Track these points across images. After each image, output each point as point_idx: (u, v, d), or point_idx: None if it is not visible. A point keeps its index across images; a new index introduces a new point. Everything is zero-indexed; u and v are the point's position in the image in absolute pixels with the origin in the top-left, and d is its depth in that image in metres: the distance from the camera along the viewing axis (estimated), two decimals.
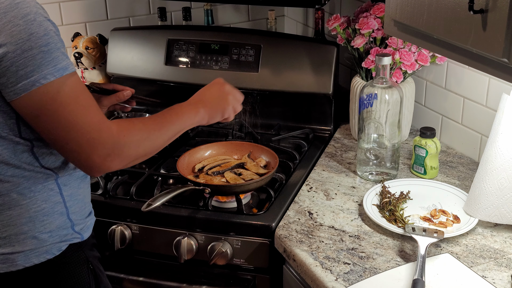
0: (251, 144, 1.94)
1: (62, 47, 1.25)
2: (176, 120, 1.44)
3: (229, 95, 1.58)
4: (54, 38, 1.23)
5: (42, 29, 1.21)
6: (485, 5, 1.17)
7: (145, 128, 1.35)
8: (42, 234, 1.35)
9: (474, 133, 1.90)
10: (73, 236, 1.41)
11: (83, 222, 1.44)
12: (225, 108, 1.56)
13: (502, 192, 1.51)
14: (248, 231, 1.65)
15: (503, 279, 1.39)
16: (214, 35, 2.26)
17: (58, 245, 1.38)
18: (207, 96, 1.55)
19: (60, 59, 1.22)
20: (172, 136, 1.43)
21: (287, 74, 2.15)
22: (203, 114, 1.51)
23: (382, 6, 1.92)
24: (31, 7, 1.21)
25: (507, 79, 1.22)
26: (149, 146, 1.36)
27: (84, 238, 1.44)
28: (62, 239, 1.39)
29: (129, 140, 1.30)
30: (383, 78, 1.74)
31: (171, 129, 1.42)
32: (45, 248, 1.36)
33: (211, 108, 1.53)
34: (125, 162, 1.31)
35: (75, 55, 2.38)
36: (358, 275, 1.41)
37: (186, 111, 1.48)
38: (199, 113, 1.50)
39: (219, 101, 1.56)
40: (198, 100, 1.53)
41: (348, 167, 1.90)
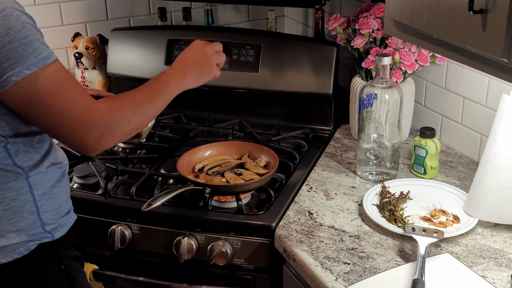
0: (251, 144, 1.94)
1: (41, 37, 1.27)
2: (164, 89, 1.47)
3: (211, 56, 1.60)
4: (32, 30, 1.24)
5: (20, 23, 1.23)
6: (485, 5, 1.17)
7: (133, 103, 1.38)
8: (10, 233, 1.34)
9: (474, 133, 1.90)
10: (43, 236, 1.39)
11: (56, 221, 1.42)
12: (211, 67, 1.60)
13: (502, 192, 1.51)
14: (248, 231, 1.65)
15: (503, 279, 1.39)
16: (214, 35, 2.26)
17: (27, 244, 1.36)
18: (190, 59, 1.57)
19: (41, 49, 1.24)
20: (162, 106, 1.47)
21: (287, 74, 2.15)
22: (190, 78, 1.55)
23: (382, 6, 1.92)
24: (7, 2, 1.23)
25: (507, 79, 1.22)
26: (140, 119, 1.40)
27: (55, 238, 1.42)
28: (30, 238, 1.37)
29: (119, 117, 1.34)
30: (383, 78, 1.74)
31: (160, 99, 1.45)
32: (12, 247, 1.35)
33: (197, 71, 1.56)
34: (119, 138, 1.36)
35: (75, 55, 2.38)
36: (358, 275, 1.41)
37: (173, 79, 1.51)
38: (186, 78, 1.54)
39: (202, 62, 1.58)
40: (182, 65, 1.56)
41: (348, 167, 1.90)
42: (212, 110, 2.28)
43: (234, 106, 2.26)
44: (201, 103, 2.30)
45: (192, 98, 2.30)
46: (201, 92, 2.27)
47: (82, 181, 1.87)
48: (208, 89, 2.26)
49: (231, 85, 2.22)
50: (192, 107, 2.31)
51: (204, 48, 1.60)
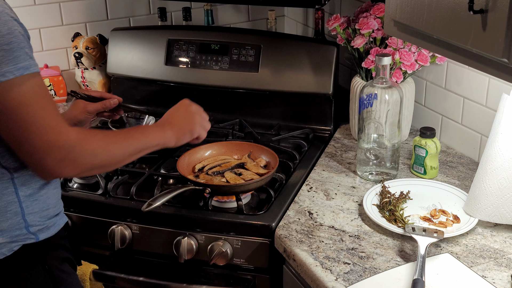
0: (251, 144, 1.94)
1: (27, 47, 1.24)
2: (141, 137, 1.43)
3: (195, 115, 1.59)
4: (18, 38, 1.22)
5: (6, 28, 1.20)
6: (485, 5, 1.17)
7: (105, 139, 1.34)
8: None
9: (474, 133, 1.90)
10: (27, 237, 1.38)
11: (42, 223, 1.40)
12: (193, 128, 1.57)
13: (502, 192, 1.51)
14: (248, 231, 1.65)
15: (503, 279, 1.39)
16: (214, 35, 2.26)
17: (9, 245, 1.35)
18: (174, 117, 1.56)
19: (22, 58, 1.21)
20: (134, 153, 1.41)
21: (287, 74, 2.15)
22: (170, 135, 1.51)
23: (382, 6, 1.92)
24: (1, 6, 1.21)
25: (507, 79, 1.22)
26: (107, 158, 1.34)
27: (40, 239, 1.40)
28: (13, 239, 1.36)
29: (86, 149, 1.28)
30: (383, 78, 1.74)
31: (133, 145, 1.40)
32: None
33: (178, 130, 1.54)
34: (79, 170, 1.31)
35: (75, 55, 2.38)
36: (358, 275, 1.41)
37: (152, 131, 1.50)
38: (166, 134, 1.50)
39: (186, 121, 1.56)
40: (165, 121, 1.54)
41: (348, 167, 1.90)
42: (212, 110, 2.27)
43: (234, 106, 2.26)
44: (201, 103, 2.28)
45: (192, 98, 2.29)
46: (201, 92, 2.28)
47: (82, 181, 1.87)
48: (208, 89, 2.26)
49: (231, 85, 2.22)
50: None
51: (190, 106, 1.60)
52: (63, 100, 2.45)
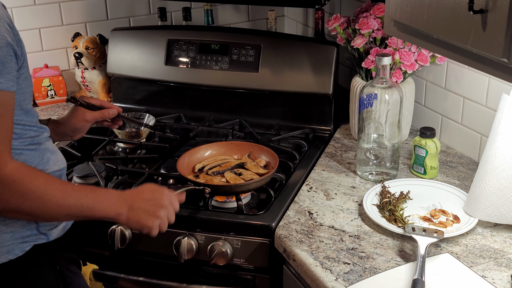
0: (251, 144, 1.94)
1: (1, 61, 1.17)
2: (91, 200, 1.31)
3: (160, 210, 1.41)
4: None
5: None
6: (485, 5, 1.17)
7: (43, 187, 1.24)
8: (4, 234, 1.32)
9: (474, 133, 1.90)
10: (38, 237, 1.37)
11: (51, 223, 1.40)
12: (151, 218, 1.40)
13: (502, 192, 1.51)
14: (248, 231, 1.65)
15: (503, 279, 1.39)
16: (214, 35, 2.26)
17: (21, 245, 1.35)
18: (140, 197, 1.40)
19: None
20: (73, 213, 1.31)
21: (287, 74, 2.15)
22: (124, 216, 1.37)
23: (382, 6, 1.92)
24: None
25: (507, 79, 1.22)
26: (38, 208, 1.25)
27: (50, 239, 1.40)
28: (25, 239, 1.35)
29: (16, 188, 1.20)
30: (383, 78, 1.74)
31: (74, 208, 1.29)
32: (6, 248, 1.33)
33: (134, 214, 1.38)
34: (1, 207, 1.23)
35: (75, 55, 2.38)
36: (358, 275, 1.41)
37: (107, 202, 1.35)
38: (120, 214, 1.36)
39: (147, 214, 1.39)
40: (127, 198, 1.38)
41: (348, 167, 1.90)
42: (212, 110, 2.28)
43: (234, 106, 2.26)
44: (201, 103, 2.30)
45: (192, 98, 2.31)
46: (201, 92, 2.28)
47: (82, 181, 1.87)
48: (208, 89, 2.26)
49: (231, 85, 2.22)
50: (192, 107, 2.31)
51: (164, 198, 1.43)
52: (63, 100, 2.45)
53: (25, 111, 1.33)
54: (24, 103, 1.32)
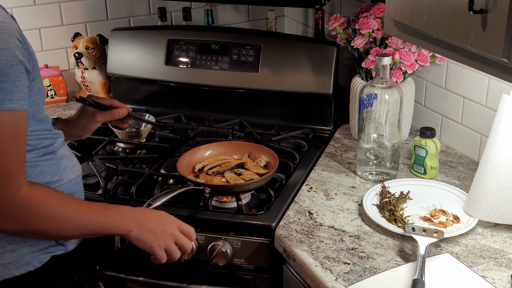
0: (251, 144, 1.94)
1: (8, 81, 1.15)
2: (103, 219, 1.31)
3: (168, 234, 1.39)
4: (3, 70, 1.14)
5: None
6: (485, 5, 1.17)
7: (59, 207, 1.24)
8: (22, 248, 1.31)
9: (474, 133, 1.90)
10: (56, 248, 1.37)
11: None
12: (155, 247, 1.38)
13: (502, 192, 1.51)
14: (248, 231, 1.65)
15: (503, 279, 1.39)
16: (214, 35, 2.26)
17: (40, 257, 1.34)
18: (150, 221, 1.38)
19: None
20: (86, 232, 1.31)
21: (287, 74, 2.15)
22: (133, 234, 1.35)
23: (382, 6, 1.92)
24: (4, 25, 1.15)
25: (507, 79, 1.22)
26: (53, 228, 1.25)
27: (69, 250, 1.39)
28: (43, 251, 1.35)
29: (32, 210, 1.20)
30: (383, 78, 1.74)
31: (88, 225, 1.29)
32: (25, 260, 1.32)
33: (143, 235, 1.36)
34: (17, 229, 1.23)
35: (75, 55, 2.38)
36: (358, 275, 1.41)
37: (119, 219, 1.34)
38: (129, 232, 1.35)
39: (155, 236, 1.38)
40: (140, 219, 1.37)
41: (348, 167, 1.90)
42: (212, 110, 2.28)
43: (234, 106, 2.26)
44: (201, 103, 2.30)
45: (192, 98, 2.31)
46: (201, 92, 2.28)
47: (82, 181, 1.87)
48: (208, 89, 2.26)
49: (231, 85, 2.22)
50: (192, 107, 2.31)
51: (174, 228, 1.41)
52: (63, 100, 2.45)
53: (39, 120, 1.31)
54: (37, 113, 1.30)
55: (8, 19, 1.19)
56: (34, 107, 1.29)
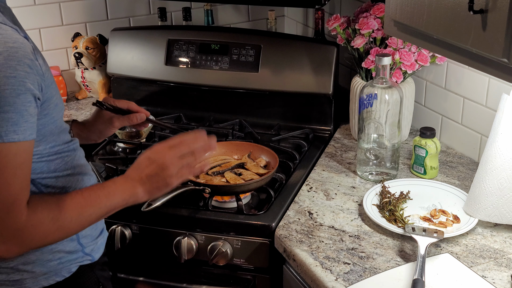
0: (251, 144, 1.94)
1: (12, 111, 1.12)
2: (105, 202, 1.28)
3: (170, 165, 1.34)
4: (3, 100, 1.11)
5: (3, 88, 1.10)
6: (485, 5, 1.17)
7: (59, 214, 1.21)
8: (51, 262, 1.33)
9: (474, 133, 1.90)
10: (84, 258, 1.39)
11: (93, 243, 1.41)
12: (168, 179, 1.34)
13: (502, 192, 1.51)
14: (248, 231, 1.65)
15: (503, 279, 1.39)
16: (214, 35, 2.26)
17: (68, 267, 1.36)
18: (144, 169, 1.33)
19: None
20: (94, 219, 1.28)
21: (287, 74, 2.15)
22: (142, 192, 1.32)
23: (382, 6, 1.92)
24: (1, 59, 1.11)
25: (507, 79, 1.22)
26: (61, 236, 1.24)
27: (95, 259, 1.41)
28: (72, 262, 1.36)
29: (35, 232, 1.18)
30: (383, 78, 1.74)
31: (94, 214, 1.27)
32: (54, 271, 1.34)
33: (150, 184, 1.33)
34: (25, 250, 1.22)
35: (75, 55, 2.38)
36: (358, 275, 1.41)
37: (120, 191, 1.31)
38: (137, 193, 1.32)
39: (158, 172, 1.33)
40: (135, 176, 1.33)
41: (348, 167, 1.90)
42: (212, 110, 2.28)
43: (234, 106, 2.26)
44: (201, 103, 2.30)
45: (192, 98, 2.31)
46: (201, 92, 2.28)
47: None
48: (208, 89, 2.26)
49: (231, 85, 2.22)
50: (192, 107, 2.31)
51: (164, 155, 1.35)
52: (63, 100, 2.45)
53: (57, 134, 1.30)
54: (56, 129, 1.29)
55: (18, 44, 1.14)
56: (51, 125, 1.27)
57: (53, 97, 1.26)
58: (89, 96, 2.51)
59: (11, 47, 1.13)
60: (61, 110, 1.32)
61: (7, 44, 1.12)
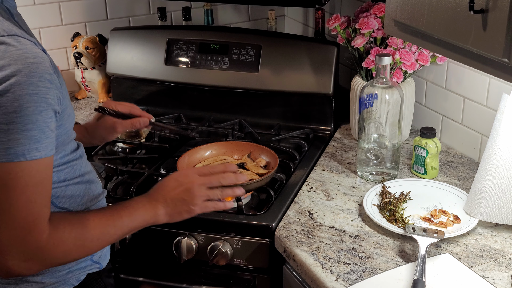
0: (251, 144, 1.94)
1: (35, 128, 1.10)
2: (127, 223, 1.28)
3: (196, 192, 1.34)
4: (25, 118, 1.08)
5: (15, 105, 1.07)
6: (485, 5, 1.17)
7: (82, 233, 1.21)
8: (60, 272, 1.32)
9: (474, 133, 1.90)
10: (93, 267, 1.39)
11: (100, 250, 1.40)
12: (192, 205, 1.35)
13: (502, 192, 1.51)
14: (248, 231, 1.65)
15: (504, 279, 1.39)
16: (214, 35, 2.26)
17: (77, 276, 1.36)
18: (169, 191, 1.34)
19: (18, 143, 1.08)
20: (115, 239, 1.29)
21: (287, 74, 2.15)
22: (163, 215, 1.33)
23: (382, 6, 1.92)
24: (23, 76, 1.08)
25: (507, 79, 1.22)
26: (82, 254, 1.25)
27: (103, 266, 1.41)
28: (80, 270, 1.36)
29: (57, 251, 1.18)
30: (383, 78, 1.74)
31: (116, 235, 1.27)
32: (63, 281, 1.33)
33: (173, 207, 1.34)
34: (46, 268, 1.22)
35: (75, 55, 2.38)
36: (358, 275, 1.41)
37: (141, 212, 1.31)
38: (158, 215, 1.32)
39: (182, 197, 1.34)
40: (158, 197, 1.34)
41: (348, 167, 1.90)
42: (212, 110, 2.28)
43: (234, 106, 2.26)
44: (201, 103, 2.30)
45: (192, 98, 2.31)
46: (201, 92, 2.28)
47: None
48: (208, 89, 2.26)
49: (231, 85, 2.22)
50: (192, 107, 2.31)
51: (193, 181, 1.34)
52: None
53: (67, 144, 1.29)
54: (67, 139, 1.28)
55: (39, 59, 1.12)
56: (64, 135, 1.26)
57: (67, 107, 1.25)
58: (89, 96, 2.51)
59: (31, 63, 1.10)
60: (73, 120, 1.31)
61: (28, 60, 1.10)
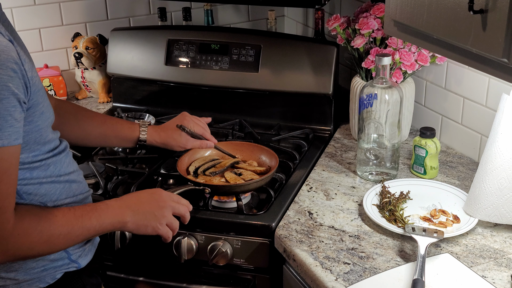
0: (251, 144, 1.94)
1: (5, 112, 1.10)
2: (95, 221, 1.29)
3: (164, 208, 1.41)
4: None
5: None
6: (485, 5, 1.17)
7: (48, 228, 1.21)
8: (34, 269, 1.31)
9: (474, 133, 1.90)
10: (70, 265, 1.36)
11: (80, 250, 1.39)
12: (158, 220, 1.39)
13: (502, 192, 1.51)
14: (248, 231, 1.65)
15: (503, 279, 1.39)
16: (214, 35, 2.26)
17: (53, 274, 1.34)
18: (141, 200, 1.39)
19: None
20: (81, 239, 1.29)
21: (287, 74, 2.15)
22: (131, 223, 1.35)
23: (382, 6, 1.92)
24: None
25: (507, 79, 1.22)
26: (46, 249, 1.24)
27: (82, 266, 1.39)
28: (56, 269, 1.34)
29: (21, 242, 1.18)
30: (383, 78, 1.74)
31: (82, 233, 1.27)
32: (37, 278, 1.32)
33: (142, 220, 1.37)
34: (9, 260, 1.22)
35: (75, 55, 2.38)
36: (358, 275, 1.41)
37: (110, 214, 1.33)
38: (126, 222, 1.34)
39: (152, 210, 1.38)
40: (130, 204, 1.37)
41: (348, 167, 1.90)
42: (212, 110, 2.28)
43: (234, 106, 2.26)
44: (201, 103, 2.30)
45: (192, 98, 2.31)
46: (201, 92, 2.28)
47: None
48: (208, 89, 2.26)
49: (231, 85, 2.22)
50: (192, 107, 2.31)
51: (166, 202, 1.42)
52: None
53: (42, 144, 1.28)
54: (41, 139, 1.27)
55: (1, 47, 1.12)
56: (36, 133, 1.25)
57: (39, 104, 1.23)
58: (89, 96, 2.51)
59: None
60: (48, 119, 1.29)
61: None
